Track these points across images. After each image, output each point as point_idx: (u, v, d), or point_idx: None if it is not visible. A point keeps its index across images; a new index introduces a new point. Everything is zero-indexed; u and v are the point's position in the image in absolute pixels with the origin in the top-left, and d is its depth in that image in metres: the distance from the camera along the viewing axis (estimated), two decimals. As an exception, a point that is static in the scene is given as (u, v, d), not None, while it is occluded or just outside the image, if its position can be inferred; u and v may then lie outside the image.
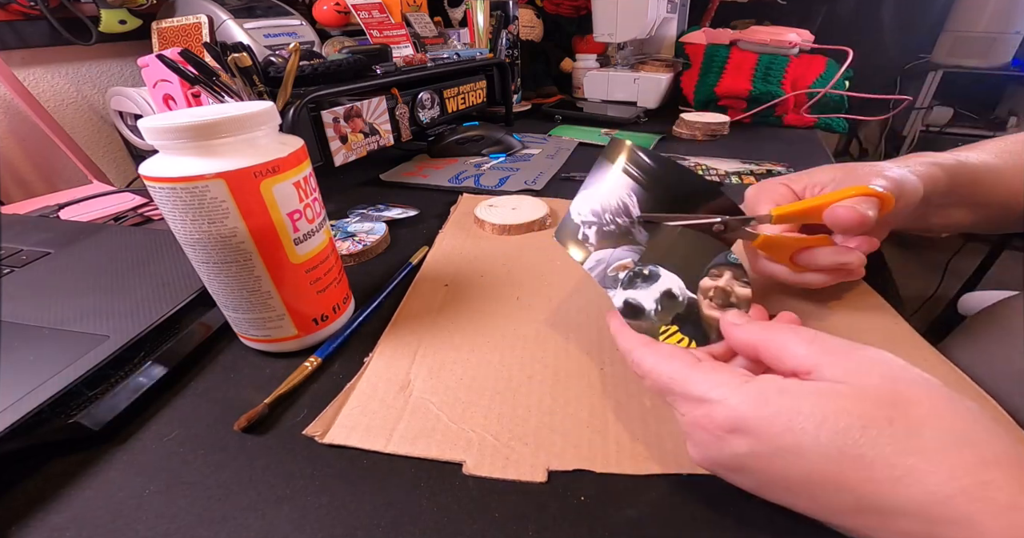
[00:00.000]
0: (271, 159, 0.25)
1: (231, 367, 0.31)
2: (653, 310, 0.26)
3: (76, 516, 0.22)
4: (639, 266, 0.27)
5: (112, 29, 0.70)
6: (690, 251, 0.27)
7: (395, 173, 0.64)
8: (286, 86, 0.47)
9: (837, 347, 0.19)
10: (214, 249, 0.26)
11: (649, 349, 0.23)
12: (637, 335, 0.25)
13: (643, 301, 0.27)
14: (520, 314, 0.35)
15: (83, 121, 0.77)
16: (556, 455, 0.24)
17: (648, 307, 0.26)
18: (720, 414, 0.19)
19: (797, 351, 0.19)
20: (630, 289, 0.27)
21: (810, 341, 0.19)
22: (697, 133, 0.76)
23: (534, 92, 1.03)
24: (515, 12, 0.89)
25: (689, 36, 0.91)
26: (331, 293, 0.32)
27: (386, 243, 0.46)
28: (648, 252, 0.28)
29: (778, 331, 0.21)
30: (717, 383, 0.19)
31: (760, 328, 0.22)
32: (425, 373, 0.30)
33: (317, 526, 0.22)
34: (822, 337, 0.20)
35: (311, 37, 0.78)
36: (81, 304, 0.32)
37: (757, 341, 0.21)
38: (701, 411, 0.19)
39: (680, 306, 0.26)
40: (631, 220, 0.28)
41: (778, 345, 0.20)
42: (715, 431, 0.19)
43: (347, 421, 0.26)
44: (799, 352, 0.19)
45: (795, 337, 0.20)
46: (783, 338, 0.20)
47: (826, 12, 1.33)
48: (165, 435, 0.26)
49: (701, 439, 0.20)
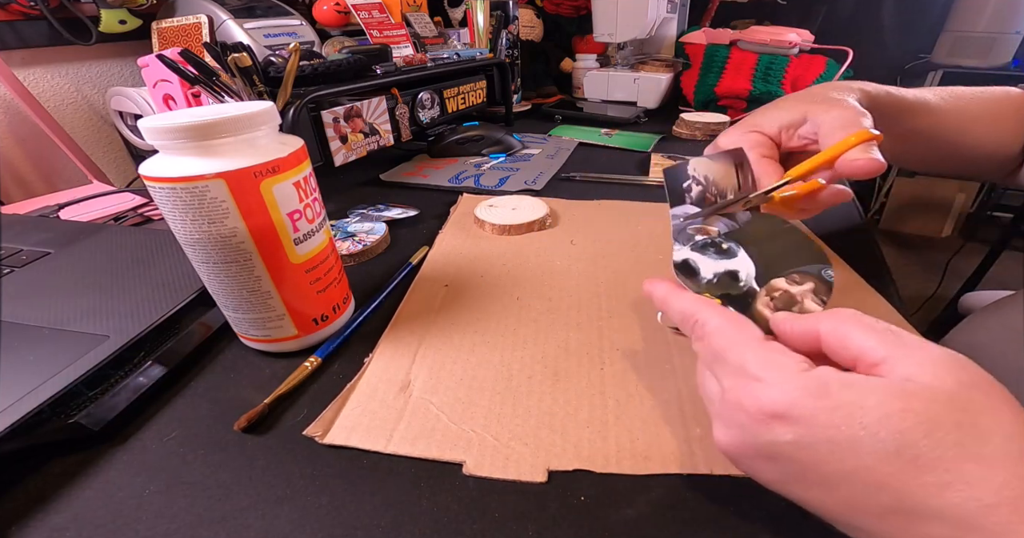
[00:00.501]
0: (271, 159, 0.26)
1: (231, 367, 0.31)
2: (706, 280, 0.26)
3: (76, 516, 0.22)
4: (721, 239, 0.27)
5: (112, 29, 0.70)
6: (785, 250, 0.26)
7: (395, 173, 0.64)
8: (286, 86, 0.47)
9: (911, 342, 0.18)
10: (214, 249, 0.26)
11: (715, 311, 0.22)
12: (699, 298, 0.24)
13: (703, 268, 0.26)
14: (520, 314, 0.35)
15: (83, 121, 0.77)
16: (556, 455, 0.24)
17: (704, 275, 0.26)
18: (768, 396, 0.18)
19: (866, 342, 0.18)
20: (697, 253, 0.27)
21: (881, 332, 0.18)
22: (697, 133, 0.76)
23: (534, 92, 1.03)
24: (515, 12, 0.89)
25: (689, 36, 0.91)
26: (331, 293, 0.32)
27: (386, 243, 0.46)
28: (740, 231, 0.27)
29: (845, 320, 0.19)
30: (776, 364, 0.19)
31: (824, 317, 0.20)
32: (425, 373, 0.30)
33: (317, 526, 0.22)
34: (894, 329, 0.19)
35: (311, 37, 0.78)
36: (81, 304, 0.32)
37: (822, 329, 0.20)
38: (747, 390, 0.19)
39: (737, 290, 0.25)
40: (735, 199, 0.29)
41: (843, 333, 0.19)
42: (757, 414, 0.18)
43: (347, 421, 0.26)
44: (868, 343, 0.18)
45: (863, 326, 0.19)
46: (848, 327, 0.19)
47: (826, 12, 1.33)
48: (165, 435, 0.26)
49: (738, 420, 0.19)
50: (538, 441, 0.25)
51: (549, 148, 0.71)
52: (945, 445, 0.15)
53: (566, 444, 0.25)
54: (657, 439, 0.25)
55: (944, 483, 0.15)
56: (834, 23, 1.34)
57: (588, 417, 0.26)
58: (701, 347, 0.22)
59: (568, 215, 0.50)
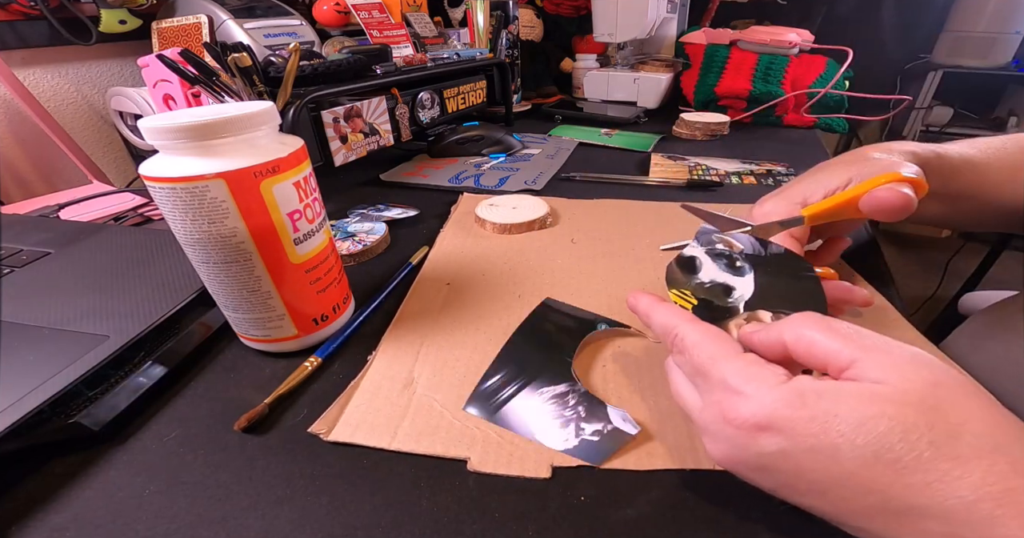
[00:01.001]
0: (271, 159, 0.25)
1: (231, 367, 0.31)
2: (699, 281, 0.26)
3: (76, 516, 0.22)
4: (740, 256, 0.27)
5: (112, 29, 0.70)
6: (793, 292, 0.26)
7: (395, 173, 0.64)
8: (286, 86, 0.47)
9: (877, 344, 0.18)
10: (214, 249, 0.26)
11: (694, 326, 0.22)
12: (679, 310, 0.24)
13: (705, 271, 0.26)
14: (522, 312, 0.35)
15: (83, 121, 0.77)
16: (559, 451, 0.24)
17: (701, 276, 0.26)
18: (749, 410, 0.18)
19: (831, 346, 0.19)
20: (709, 257, 0.27)
21: (845, 335, 0.19)
22: (697, 133, 0.76)
23: (534, 92, 1.03)
24: (515, 12, 0.89)
25: (689, 36, 0.91)
26: (331, 293, 0.32)
27: (386, 243, 0.46)
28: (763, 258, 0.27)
29: (807, 325, 0.20)
30: (754, 377, 0.19)
31: (786, 325, 0.20)
32: (429, 371, 0.30)
33: (317, 526, 0.22)
34: (860, 332, 0.19)
35: (311, 37, 0.78)
36: (81, 304, 0.32)
37: (787, 338, 0.20)
38: (731, 404, 0.19)
39: (722, 303, 0.25)
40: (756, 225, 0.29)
41: (808, 340, 0.19)
42: (742, 427, 0.18)
43: (352, 419, 0.26)
44: (833, 347, 0.19)
45: (825, 330, 0.19)
46: (811, 333, 0.19)
47: (826, 12, 1.33)
48: (165, 435, 0.26)
49: (726, 434, 0.19)
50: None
51: (549, 148, 0.71)
52: (921, 446, 0.15)
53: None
54: (659, 435, 0.25)
55: (927, 483, 0.15)
56: (834, 23, 1.34)
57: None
58: (681, 361, 0.22)
59: (568, 214, 0.50)
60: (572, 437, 0.25)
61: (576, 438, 0.25)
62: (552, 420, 0.26)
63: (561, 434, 0.25)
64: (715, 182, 0.58)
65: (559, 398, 0.27)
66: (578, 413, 0.26)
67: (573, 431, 0.25)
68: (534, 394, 0.27)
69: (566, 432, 0.25)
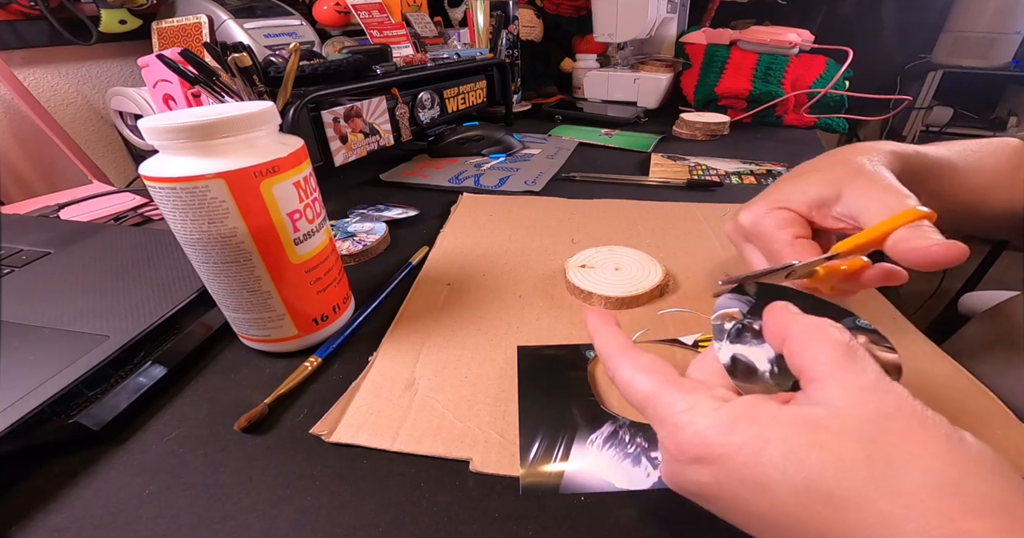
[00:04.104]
0: (271, 159, 0.25)
1: (231, 367, 0.31)
2: (768, 372, 0.21)
3: (76, 516, 0.22)
4: (748, 318, 0.23)
5: (112, 29, 0.70)
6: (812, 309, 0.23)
7: (395, 173, 0.64)
8: (286, 86, 0.47)
9: (858, 366, 0.17)
10: (214, 249, 0.26)
11: (627, 358, 0.21)
12: (617, 337, 0.22)
13: (756, 360, 0.22)
14: (523, 312, 0.35)
15: (83, 121, 0.77)
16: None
17: (762, 368, 0.21)
18: (684, 440, 0.17)
19: (817, 356, 0.17)
20: (738, 344, 0.22)
21: (839, 351, 0.17)
22: (697, 133, 0.76)
23: (534, 92, 1.03)
24: (515, 12, 0.89)
25: (689, 36, 0.91)
26: (331, 293, 0.32)
27: (386, 243, 0.46)
28: (758, 304, 0.24)
29: (814, 330, 0.18)
30: (689, 405, 0.18)
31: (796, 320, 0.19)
32: (430, 371, 0.30)
33: (317, 526, 0.22)
34: (854, 349, 0.17)
35: (311, 37, 0.78)
36: (81, 304, 0.32)
37: (789, 333, 0.19)
38: (669, 435, 0.18)
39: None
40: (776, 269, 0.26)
41: (803, 342, 0.18)
42: (679, 456, 0.17)
43: (353, 419, 0.26)
44: (819, 358, 0.17)
45: (825, 340, 0.17)
46: (811, 338, 0.18)
47: (826, 12, 1.33)
48: (165, 435, 0.26)
49: (667, 463, 0.18)
50: (539, 441, 0.25)
51: (549, 148, 0.71)
52: (857, 481, 0.14)
53: (567, 444, 0.25)
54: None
55: (864, 523, 0.14)
56: (834, 23, 1.34)
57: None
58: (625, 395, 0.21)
59: (569, 214, 0.50)
60: (652, 470, 0.23)
61: (656, 470, 0.23)
62: (620, 463, 0.24)
63: (638, 472, 0.23)
64: (715, 182, 0.58)
65: (611, 438, 0.25)
66: (640, 445, 0.25)
67: (646, 465, 0.24)
68: (585, 446, 0.25)
69: (641, 469, 0.24)
